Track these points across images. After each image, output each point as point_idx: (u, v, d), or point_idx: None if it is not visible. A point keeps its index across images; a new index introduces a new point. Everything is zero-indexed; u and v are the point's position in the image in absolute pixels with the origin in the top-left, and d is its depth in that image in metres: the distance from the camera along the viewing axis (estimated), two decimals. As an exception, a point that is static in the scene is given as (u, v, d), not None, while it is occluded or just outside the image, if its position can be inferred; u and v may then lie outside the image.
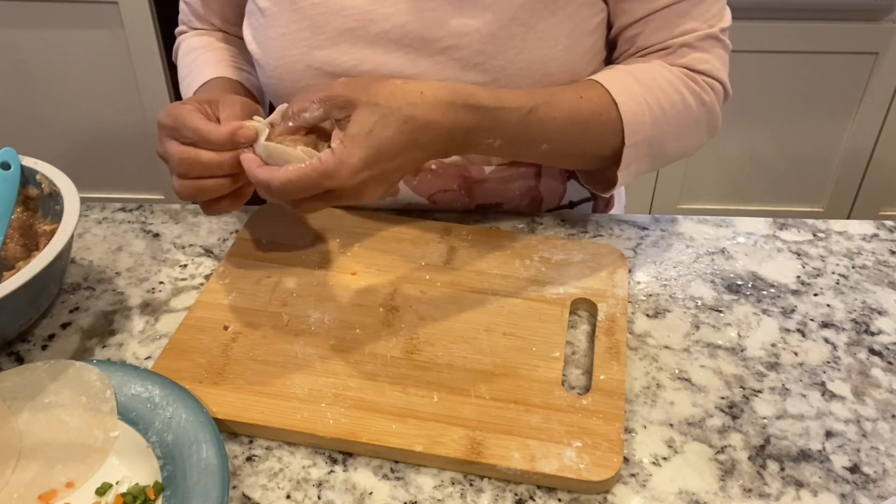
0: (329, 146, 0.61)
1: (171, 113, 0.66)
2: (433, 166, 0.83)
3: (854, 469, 0.61)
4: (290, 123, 0.64)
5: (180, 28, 0.95)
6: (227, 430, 0.63)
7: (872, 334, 0.73)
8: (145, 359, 0.69)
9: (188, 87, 0.85)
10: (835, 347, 0.71)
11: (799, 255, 0.82)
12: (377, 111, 0.61)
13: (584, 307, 0.74)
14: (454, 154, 0.71)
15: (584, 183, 0.85)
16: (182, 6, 0.94)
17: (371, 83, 0.63)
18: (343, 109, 0.62)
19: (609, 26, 0.79)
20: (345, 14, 0.75)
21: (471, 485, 0.59)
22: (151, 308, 0.75)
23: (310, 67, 0.77)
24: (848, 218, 2.05)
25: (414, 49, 0.75)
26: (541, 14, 0.73)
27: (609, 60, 0.82)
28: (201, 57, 0.87)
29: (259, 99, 0.89)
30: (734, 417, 0.65)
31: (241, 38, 0.90)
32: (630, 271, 0.79)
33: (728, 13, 0.77)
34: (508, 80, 0.74)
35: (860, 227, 0.86)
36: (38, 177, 0.74)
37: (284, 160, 0.62)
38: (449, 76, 0.75)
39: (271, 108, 0.87)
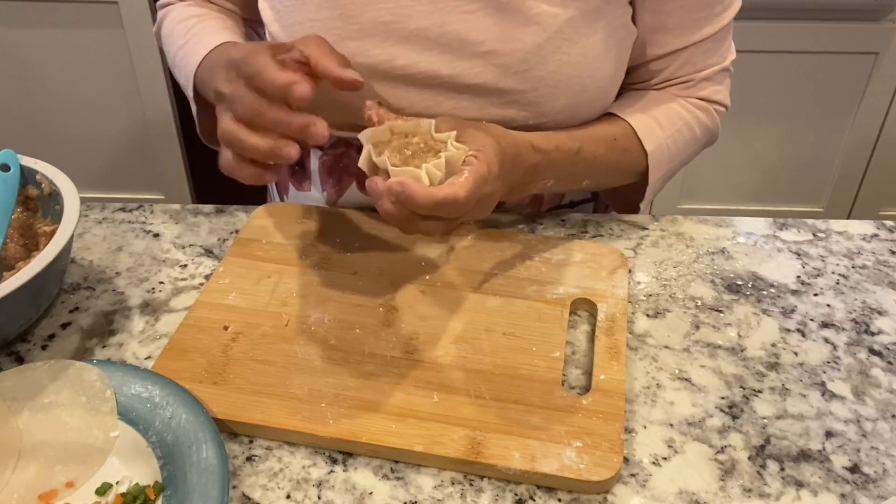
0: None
1: (245, 51, 0.63)
2: None
3: (854, 469, 0.61)
4: (390, 124, 0.64)
5: (164, 1, 0.89)
6: (227, 430, 0.63)
7: (872, 334, 0.73)
8: (145, 359, 0.69)
9: (187, 55, 0.78)
10: (835, 347, 0.71)
11: (799, 255, 0.82)
12: (489, 134, 0.66)
13: (584, 307, 0.74)
14: (513, 197, 0.78)
15: (609, 204, 0.93)
16: None
17: (467, 119, 0.67)
18: (452, 129, 0.64)
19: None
20: (380, 6, 0.73)
21: (471, 485, 0.59)
22: (151, 308, 0.75)
23: None
24: (848, 218, 2.05)
25: (451, 50, 0.74)
26: (584, 31, 0.74)
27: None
28: (200, 24, 0.81)
29: None
30: (734, 417, 0.65)
31: (242, 16, 0.88)
32: (630, 271, 0.79)
33: (733, 46, 0.84)
34: (546, 91, 0.75)
35: (860, 227, 0.86)
36: (37, 177, 0.74)
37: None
38: (486, 80, 0.74)
39: None
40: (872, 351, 0.71)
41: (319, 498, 0.58)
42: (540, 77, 0.74)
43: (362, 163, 0.62)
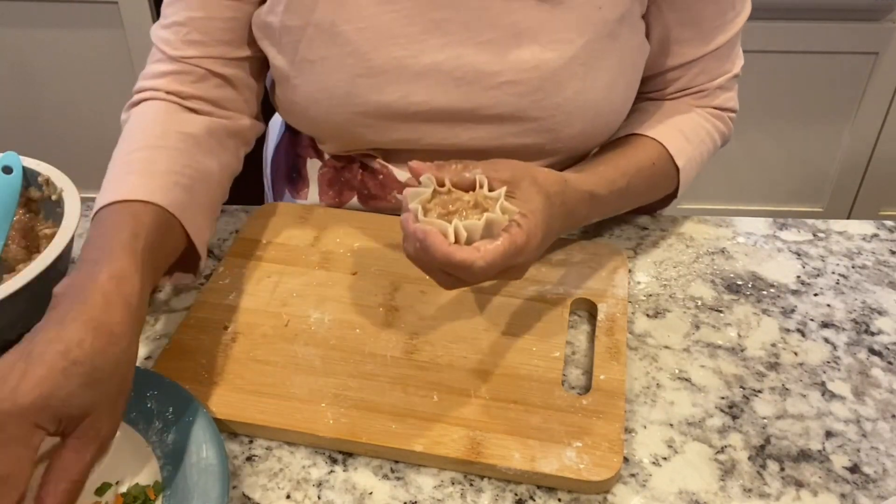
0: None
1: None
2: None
3: (854, 469, 0.61)
4: (447, 178, 0.60)
5: (144, 82, 0.75)
6: (227, 430, 0.63)
7: (872, 334, 0.73)
8: (145, 359, 0.69)
9: (106, 187, 0.65)
10: (835, 347, 0.71)
11: (799, 255, 0.82)
12: (542, 192, 0.62)
13: (584, 307, 0.74)
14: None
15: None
16: (162, 33, 0.74)
17: (523, 163, 0.63)
18: (505, 184, 0.60)
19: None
20: (393, 42, 0.71)
21: (471, 485, 0.59)
22: (151, 308, 0.74)
23: (350, 94, 0.73)
24: (848, 218, 2.05)
25: (467, 83, 0.72)
26: (599, 54, 0.73)
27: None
28: (142, 155, 0.69)
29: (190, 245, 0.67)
30: (734, 417, 0.65)
31: (229, 79, 0.76)
32: (630, 271, 0.79)
33: (741, 51, 0.84)
34: (563, 118, 0.73)
35: (860, 227, 0.86)
36: (39, 179, 0.74)
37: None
38: (503, 111, 0.73)
39: (289, 131, 0.86)
40: (872, 351, 0.71)
41: (319, 498, 0.58)
42: (557, 104, 0.73)
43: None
